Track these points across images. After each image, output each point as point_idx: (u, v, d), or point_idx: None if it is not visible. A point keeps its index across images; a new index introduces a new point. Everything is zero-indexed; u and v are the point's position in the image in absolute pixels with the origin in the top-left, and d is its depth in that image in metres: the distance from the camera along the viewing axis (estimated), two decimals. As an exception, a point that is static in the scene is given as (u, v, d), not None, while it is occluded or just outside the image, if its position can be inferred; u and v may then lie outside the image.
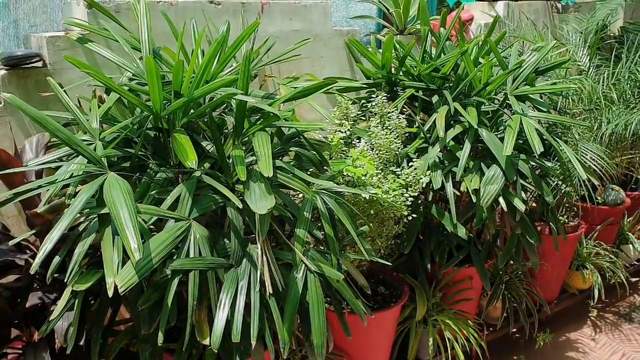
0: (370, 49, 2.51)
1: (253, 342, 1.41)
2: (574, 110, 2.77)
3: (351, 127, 2.12)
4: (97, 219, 1.40)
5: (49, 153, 1.60)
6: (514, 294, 2.76)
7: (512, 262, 2.47)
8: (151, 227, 1.50)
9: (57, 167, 1.50)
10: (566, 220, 2.95)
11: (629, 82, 2.89)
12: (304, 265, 1.56)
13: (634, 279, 3.50)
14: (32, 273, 1.25)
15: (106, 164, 1.42)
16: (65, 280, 1.32)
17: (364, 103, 2.30)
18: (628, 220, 3.46)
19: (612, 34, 3.56)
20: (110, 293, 1.26)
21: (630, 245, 3.44)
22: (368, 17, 3.13)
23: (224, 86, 1.50)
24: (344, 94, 2.24)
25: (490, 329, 2.77)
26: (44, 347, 1.44)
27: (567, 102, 2.74)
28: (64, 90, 1.70)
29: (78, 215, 1.34)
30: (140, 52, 1.75)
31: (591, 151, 2.47)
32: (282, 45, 2.26)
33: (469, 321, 2.52)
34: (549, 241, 2.56)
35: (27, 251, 1.57)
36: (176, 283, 1.37)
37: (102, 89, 1.77)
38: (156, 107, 1.50)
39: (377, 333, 2.21)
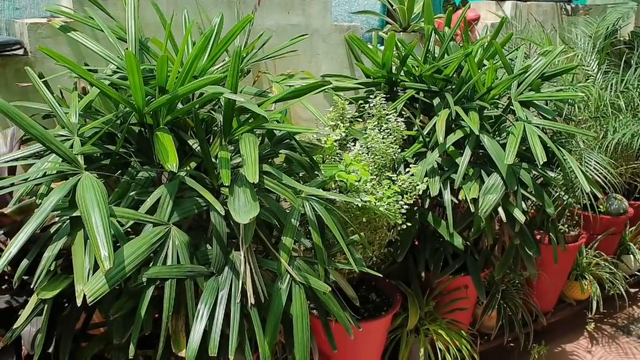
0: (371, 46, 2.41)
1: (231, 357, 1.33)
2: (580, 118, 2.68)
3: (347, 129, 2.03)
4: (69, 221, 1.31)
5: (25, 147, 1.51)
6: (510, 303, 2.69)
7: (509, 271, 2.39)
8: (129, 229, 1.42)
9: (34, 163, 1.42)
10: (566, 229, 2.87)
11: (638, 90, 2.78)
12: (289, 275, 1.48)
13: (633, 290, 3.42)
14: (-2, 276, 1.18)
15: (82, 163, 1.33)
16: (32, 286, 1.24)
17: (361, 103, 2.21)
18: (630, 230, 3.37)
19: (622, 39, 3.45)
20: (79, 302, 1.18)
21: (632, 256, 3.35)
22: (371, 12, 3.03)
23: (211, 84, 1.41)
24: (341, 93, 2.14)
25: (485, 337, 2.70)
26: (11, 354, 1.36)
27: (573, 109, 2.64)
28: (45, 81, 1.62)
29: (52, 214, 1.26)
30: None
31: (595, 161, 2.38)
32: (278, 40, 2.17)
33: (462, 331, 2.45)
34: (548, 251, 2.48)
35: (-3, 251, 1.49)
36: (151, 292, 1.29)
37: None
38: (138, 104, 1.41)
39: (366, 342, 2.13)
